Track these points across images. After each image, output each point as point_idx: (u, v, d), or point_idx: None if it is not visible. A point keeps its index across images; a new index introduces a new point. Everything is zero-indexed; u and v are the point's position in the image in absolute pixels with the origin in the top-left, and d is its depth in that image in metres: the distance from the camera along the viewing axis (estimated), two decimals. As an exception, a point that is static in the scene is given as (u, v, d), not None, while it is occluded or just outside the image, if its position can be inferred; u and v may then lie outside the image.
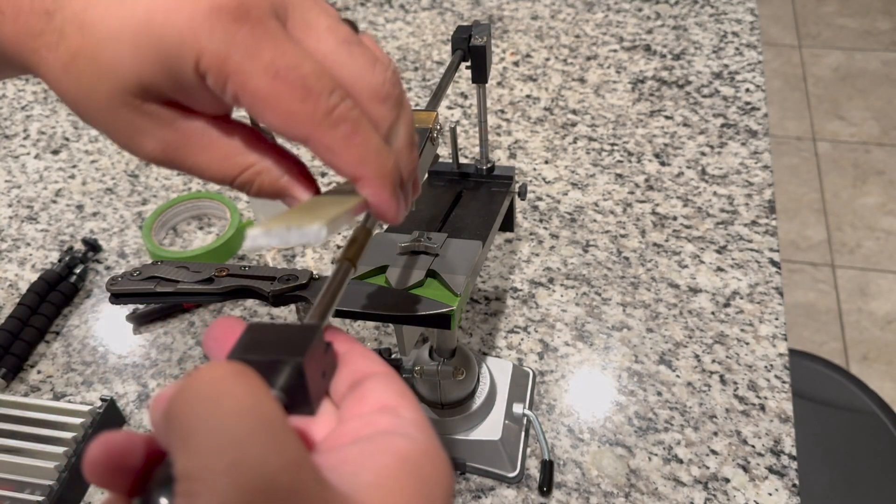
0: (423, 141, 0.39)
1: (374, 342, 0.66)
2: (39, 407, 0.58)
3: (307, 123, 0.25)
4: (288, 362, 0.23)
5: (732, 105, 0.86)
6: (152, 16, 0.24)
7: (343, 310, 0.42)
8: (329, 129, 0.25)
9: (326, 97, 0.25)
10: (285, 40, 0.24)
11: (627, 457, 0.56)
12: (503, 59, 0.96)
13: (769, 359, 0.61)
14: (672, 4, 1.02)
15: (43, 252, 0.76)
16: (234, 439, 0.18)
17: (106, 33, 0.24)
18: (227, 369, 0.20)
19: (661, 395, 0.60)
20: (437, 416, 0.54)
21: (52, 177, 0.85)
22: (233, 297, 0.46)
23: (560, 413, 0.59)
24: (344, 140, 0.25)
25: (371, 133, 0.26)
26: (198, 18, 0.24)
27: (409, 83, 0.93)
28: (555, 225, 0.74)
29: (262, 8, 0.24)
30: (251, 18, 0.24)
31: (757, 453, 0.56)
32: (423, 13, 1.04)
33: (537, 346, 0.64)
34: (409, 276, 0.43)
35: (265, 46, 0.24)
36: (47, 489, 0.54)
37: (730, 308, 0.65)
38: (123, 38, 0.24)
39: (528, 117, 0.87)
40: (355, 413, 0.24)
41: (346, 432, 0.23)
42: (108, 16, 0.24)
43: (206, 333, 0.26)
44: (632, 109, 0.87)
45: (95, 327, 0.69)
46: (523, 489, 0.55)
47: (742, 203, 0.75)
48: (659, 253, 0.71)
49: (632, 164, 0.80)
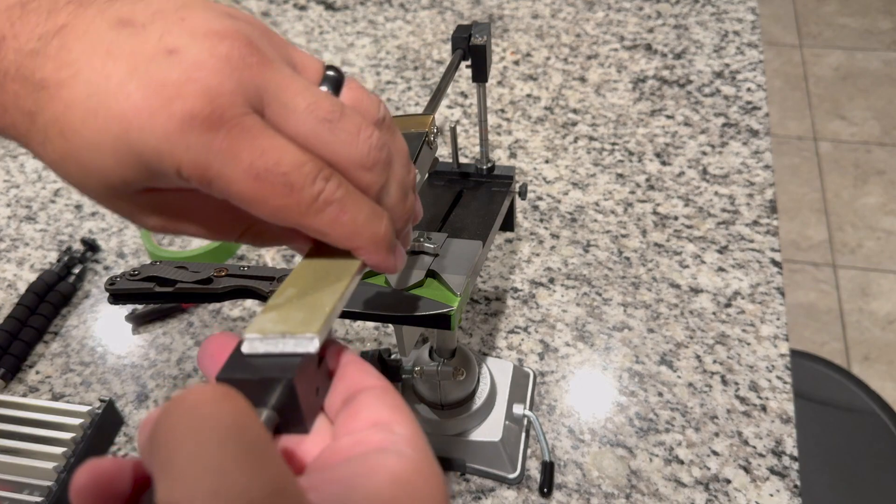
0: (420, 145, 0.38)
1: (374, 342, 0.66)
2: (38, 408, 0.58)
3: (294, 215, 0.25)
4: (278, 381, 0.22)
5: (733, 104, 0.86)
6: (128, 127, 0.24)
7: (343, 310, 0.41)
8: (316, 216, 0.25)
9: (310, 187, 0.25)
10: (264, 137, 0.24)
11: (628, 458, 0.56)
12: (503, 59, 0.96)
13: (770, 359, 0.61)
14: (673, 4, 1.01)
15: (41, 252, 0.76)
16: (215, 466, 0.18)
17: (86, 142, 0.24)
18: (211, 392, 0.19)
19: (661, 395, 0.60)
20: (437, 416, 0.54)
21: (50, 176, 0.85)
22: (232, 298, 0.46)
23: (561, 414, 0.59)
24: (332, 222, 0.25)
25: (360, 205, 0.26)
26: (172, 130, 0.23)
27: (409, 82, 0.93)
28: (555, 225, 0.74)
29: (236, 108, 0.24)
30: (226, 123, 0.23)
31: (758, 454, 0.56)
32: (423, 12, 1.04)
33: (538, 347, 0.64)
34: (409, 276, 0.43)
35: (243, 149, 0.24)
36: (46, 490, 0.54)
37: (731, 308, 0.65)
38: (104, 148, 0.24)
39: (529, 117, 0.87)
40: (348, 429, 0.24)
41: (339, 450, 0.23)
42: (85, 126, 0.24)
43: (201, 350, 0.26)
44: (633, 109, 0.86)
45: (94, 327, 0.69)
46: (524, 490, 0.55)
47: (743, 203, 0.74)
48: (660, 253, 0.70)
49: (633, 163, 0.80)
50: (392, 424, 0.23)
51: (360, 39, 1.00)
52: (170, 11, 0.25)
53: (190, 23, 0.24)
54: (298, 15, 1.06)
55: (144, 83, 0.23)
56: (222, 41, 0.24)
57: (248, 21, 0.26)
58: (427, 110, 0.45)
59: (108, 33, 0.24)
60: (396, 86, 0.93)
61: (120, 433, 0.61)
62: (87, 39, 0.24)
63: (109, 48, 0.24)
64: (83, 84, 0.24)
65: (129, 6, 0.25)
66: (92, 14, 0.25)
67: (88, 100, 0.24)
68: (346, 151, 0.26)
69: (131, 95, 0.23)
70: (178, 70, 0.23)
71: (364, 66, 0.96)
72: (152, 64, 0.24)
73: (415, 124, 0.40)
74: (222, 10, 0.26)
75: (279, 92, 0.25)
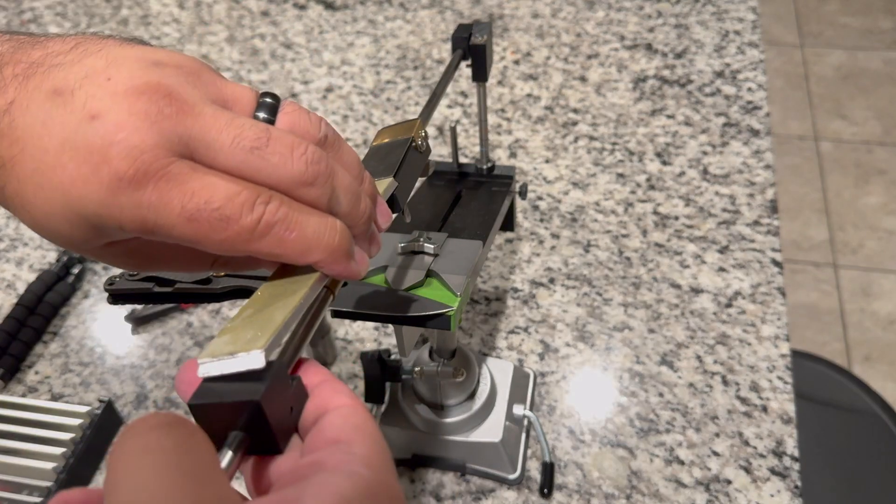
0: (405, 151, 0.38)
1: (374, 342, 0.66)
2: (37, 408, 0.58)
3: (239, 244, 0.26)
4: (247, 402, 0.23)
5: (734, 104, 0.85)
6: (69, 197, 0.25)
7: (343, 310, 0.41)
8: (262, 240, 0.26)
9: (248, 214, 0.25)
10: (192, 180, 0.25)
11: (629, 458, 0.56)
12: (503, 58, 0.95)
13: (771, 359, 0.61)
14: (673, 3, 1.01)
15: (41, 252, 0.76)
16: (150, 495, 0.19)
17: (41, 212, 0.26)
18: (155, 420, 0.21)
19: (662, 396, 0.59)
20: (437, 417, 0.54)
21: (50, 176, 0.85)
22: (231, 298, 0.46)
23: (561, 414, 0.59)
24: (280, 242, 0.26)
25: (306, 220, 0.27)
26: (105, 195, 0.24)
27: (409, 82, 0.93)
28: (556, 225, 0.74)
29: (160, 161, 0.25)
30: (152, 177, 0.24)
31: (759, 454, 0.55)
32: (423, 12, 1.04)
33: (538, 347, 0.64)
34: (409, 276, 0.43)
35: (173, 197, 0.25)
36: (45, 491, 0.54)
37: (732, 308, 0.65)
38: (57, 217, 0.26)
39: (529, 116, 0.87)
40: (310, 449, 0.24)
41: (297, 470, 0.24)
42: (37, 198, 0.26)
43: (178, 377, 0.26)
44: (633, 108, 0.86)
45: (93, 328, 0.69)
46: (524, 491, 0.55)
47: (744, 203, 0.74)
48: (660, 253, 0.70)
49: (633, 163, 0.80)
50: (352, 444, 0.24)
51: (359, 39, 1.00)
52: (98, 72, 0.26)
53: (114, 82, 0.25)
54: (298, 14, 1.05)
55: (74, 153, 0.25)
56: (139, 98, 0.25)
57: (177, 64, 0.27)
58: (426, 110, 0.44)
59: (45, 104, 0.25)
60: (396, 85, 0.93)
61: (119, 434, 0.61)
62: (28, 114, 0.25)
63: (45, 120, 0.25)
64: (29, 159, 0.25)
65: (64, 73, 0.26)
66: (33, 86, 0.26)
67: (34, 174, 0.25)
68: (281, 173, 0.26)
69: (66, 166, 0.25)
70: (100, 135, 0.24)
71: (364, 65, 0.96)
72: (79, 132, 0.25)
73: (402, 131, 0.40)
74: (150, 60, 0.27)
75: (203, 134, 0.26)
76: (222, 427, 0.23)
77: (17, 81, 0.26)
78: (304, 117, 0.29)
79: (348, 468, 0.23)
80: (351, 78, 0.94)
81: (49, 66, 0.26)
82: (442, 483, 0.55)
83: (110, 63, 0.26)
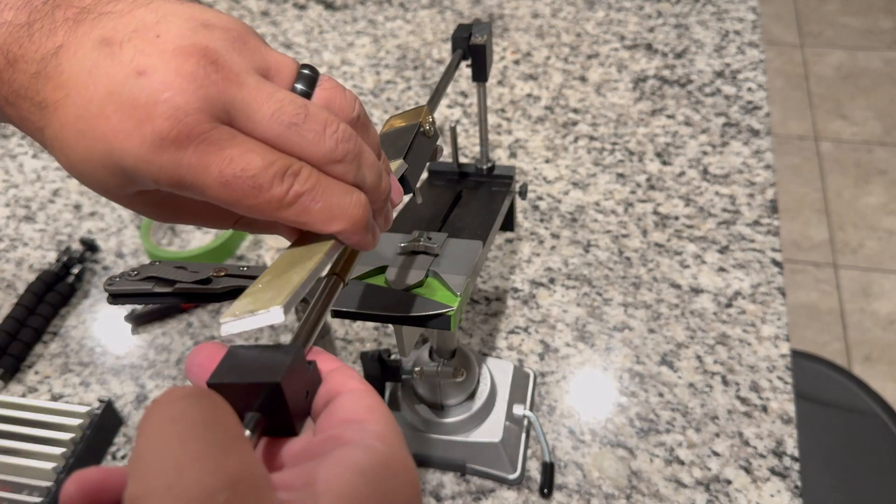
0: (413, 136, 0.39)
1: (374, 342, 0.66)
2: (37, 408, 0.58)
3: (268, 210, 0.27)
4: (266, 383, 0.23)
5: (734, 104, 0.85)
6: (110, 148, 0.26)
7: (343, 310, 0.41)
8: (289, 208, 0.27)
9: (279, 184, 0.26)
10: (231, 146, 0.26)
11: (629, 458, 0.56)
12: (504, 58, 0.95)
13: (771, 359, 0.61)
14: (673, 3, 1.01)
15: (40, 252, 0.76)
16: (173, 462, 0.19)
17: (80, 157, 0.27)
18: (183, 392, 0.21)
19: (662, 396, 0.59)
20: (437, 417, 0.54)
21: (49, 176, 0.85)
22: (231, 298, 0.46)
23: (561, 414, 0.59)
24: (305, 210, 0.27)
25: (331, 191, 0.28)
26: (145, 151, 0.25)
27: (409, 82, 0.93)
28: (556, 225, 0.74)
29: (203, 125, 0.25)
30: (194, 139, 0.25)
31: (759, 454, 0.55)
32: (423, 11, 1.04)
33: (538, 347, 0.63)
34: (409, 276, 0.43)
35: (212, 161, 0.26)
36: (45, 490, 0.54)
37: (732, 308, 0.65)
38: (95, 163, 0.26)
39: (529, 116, 0.87)
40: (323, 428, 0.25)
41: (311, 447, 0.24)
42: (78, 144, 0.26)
43: (189, 360, 0.27)
44: (633, 108, 0.86)
45: (93, 328, 0.69)
46: (524, 491, 0.55)
47: (744, 203, 0.74)
48: (660, 253, 0.70)
49: (633, 163, 0.80)
50: (365, 422, 0.24)
51: (359, 39, 1.00)
52: (148, 27, 0.26)
53: (163, 40, 0.26)
54: (298, 14, 1.05)
55: (119, 106, 0.25)
56: (187, 59, 0.26)
57: (225, 27, 0.27)
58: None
59: (92, 53, 0.26)
60: (396, 85, 0.93)
61: (119, 433, 0.61)
62: (75, 60, 0.26)
63: (91, 69, 0.26)
64: (72, 106, 0.26)
65: (113, 23, 0.26)
66: (82, 32, 0.26)
67: (77, 121, 0.26)
68: (314, 149, 0.27)
69: (109, 118, 0.25)
70: (146, 91, 0.25)
71: (364, 65, 0.96)
72: (125, 86, 0.25)
73: (410, 117, 0.41)
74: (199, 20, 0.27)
75: (244, 104, 0.26)
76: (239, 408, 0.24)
77: (66, 25, 0.27)
78: (340, 94, 0.30)
79: (363, 442, 0.23)
80: (351, 78, 0.94)
81: (99, 13, 0.27)
82: (442, 483, 0.55)
83: (160, 19, 0.26)
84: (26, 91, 0.27)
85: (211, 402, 0.21)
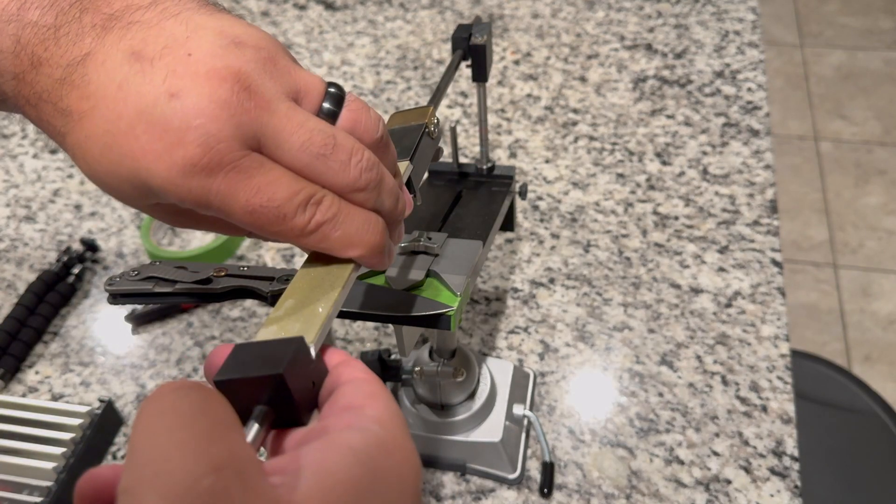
0: (419, 137, 0.39)
1: (374, 342, 0.66)
2: (37, 408, 0.58)
3: (290, 237, 0.28)
4: (269, 376, 0.24)
5: (734, 104, 0.85)
6: (137, 166, 0.26)
7: (343, 310, 0.41)
8: (309, 237, 0.28)
9: (302, 214, 0.27)
10: (259, 174, 0.26)
11: (629, 458, 0.56)
12: (503, 58, 0.95)
13: (771, 359, 0.61)
14: (673, 3, 1.01)
15: (41, 252, 0.76)
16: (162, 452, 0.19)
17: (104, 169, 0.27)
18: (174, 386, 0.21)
19: (662, 396, 0.59)
20: (437, 417, 0.54)
21: (50, 176, 0.85)
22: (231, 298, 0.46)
23: (561, 414, 0.59)
24: (325, 238, 0.28)
25: (351, 219, 0.28)
26: (174, 175, 0.25)
27: (409, 82, 0.93)
28: (555, 225, 0.74)
29: (234, 153, 0.25)
30: (224, 167, 0.25)
31: (759, 454, 0.55)
32: (423, 12, 1.04)
33: (538, 347, 0.64)
34: (409, 276, 0.43)
35: (240, 190, 0.26)
36: (45, 490, 0.54)
37: (732, 308, 0.65)
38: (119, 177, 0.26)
39: (529, 116, 0.87)
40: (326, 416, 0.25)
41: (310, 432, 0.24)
42: (103, 157, 0.26)
43: (207, 363, 0.27)
44: (633, 109, 0.86)
45: (93, 328, 0.69)
46: (524, 491, 0.55)
47: (744, 203, 0.74)
48: (660, 253, 0.70)
49: (633, 163, 0.80)
50: (364, 408, 0.25)
51: (359, 39, 1.00)
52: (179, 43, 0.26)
53: (195, 60, 0.26)
54: (298, 14, 1.05)
55: (149, 126, 0.25)
56: (221, 84, 0.25)
57: (256, 46, 0.27)
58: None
59: (122, 66, 0.26)
60: (396, 85, 0.93)
61: (119, 433, 0.61)
62: (104, 72, 0.26)
63: (122, 83, 0.26)
64: (99, 119, 0.26)
65: (143, 34, 0.26)
66: (111, 42, 0.26)
67: (105, 135, 0.26)
68: (338, 179, 0.28)
69: (139, 138, 0.25)
70: (179, 115, 0.25)
71: (364, 65, 0.96)
72: (157, 107, 0.25)
73: (415, 116, 0.41)
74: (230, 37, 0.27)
75: (275, 132, 0.27)
76: (248, 402, 0.24)
77: (94, 32, 0.26)
78: (365, 115, 0.30)
79: (359, 425, 0.24)
80: (351, 78, 0.94)
81: (127, 22, 0.26)
82: (442, 483, 0.55)
83: (191, 33, 0.26)
84: (49, 95, 0.27)
85: (199, 393, 0.21)
